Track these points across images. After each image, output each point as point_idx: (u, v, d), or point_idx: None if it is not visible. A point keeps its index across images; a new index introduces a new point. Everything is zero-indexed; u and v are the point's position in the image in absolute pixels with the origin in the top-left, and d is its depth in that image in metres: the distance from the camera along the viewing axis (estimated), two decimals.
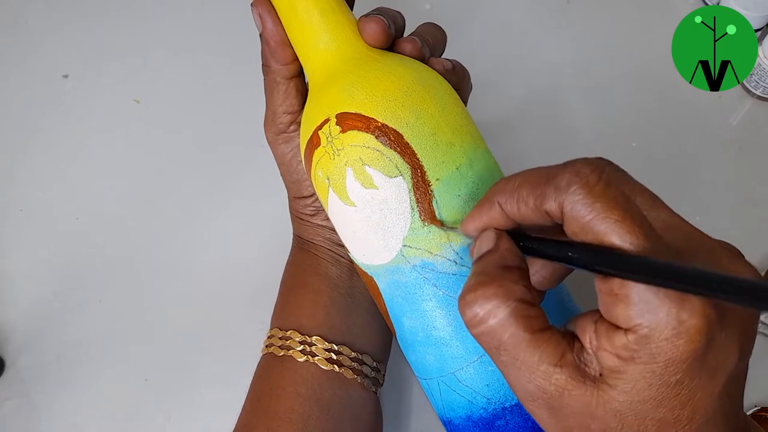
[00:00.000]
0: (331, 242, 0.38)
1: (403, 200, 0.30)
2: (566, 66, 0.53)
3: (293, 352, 0.35)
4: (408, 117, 0.30)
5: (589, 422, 0.23)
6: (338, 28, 0.32)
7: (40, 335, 0.46)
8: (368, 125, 0.29)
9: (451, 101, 0.32)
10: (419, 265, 0.30)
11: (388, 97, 0.30)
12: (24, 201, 0.50)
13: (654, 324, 0.21)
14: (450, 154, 0.30)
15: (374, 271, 0.32)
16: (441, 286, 0.30)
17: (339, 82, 0.31)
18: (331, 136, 0.30)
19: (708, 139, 0.50)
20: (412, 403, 0.43)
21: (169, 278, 0.47)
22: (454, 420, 0.32)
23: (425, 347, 0.31)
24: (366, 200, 0.30)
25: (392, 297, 0.32)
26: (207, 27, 0.56)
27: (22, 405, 0.44)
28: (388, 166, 0.29)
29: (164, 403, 0.44)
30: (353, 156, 0.30)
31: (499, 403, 0.30)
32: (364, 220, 0.30)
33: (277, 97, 0.35)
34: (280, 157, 0.37)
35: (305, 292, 0.37)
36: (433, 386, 0.32)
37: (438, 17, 0.36)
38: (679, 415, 0.22)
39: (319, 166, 0.31)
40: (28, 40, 0.56)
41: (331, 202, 0.31)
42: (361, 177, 0.30)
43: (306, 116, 0.33)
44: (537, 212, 0.24)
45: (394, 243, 0.30)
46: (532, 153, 0.49)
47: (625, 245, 0.22)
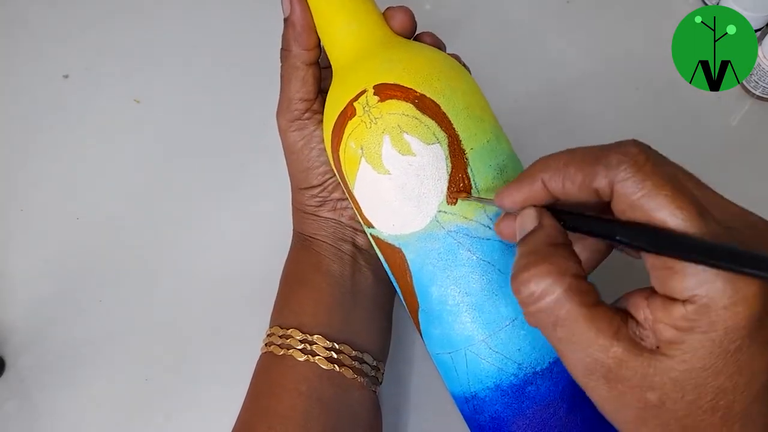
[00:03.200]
0: (335, 238, 0.38)
1: (440, 167, 0.31)
2: (566, 66, 0.53)
3: (293, 351, 0.35)
4: (444, 89, 0.31)
5: (648, 393, 0.23)
6: (368, 14, 0.34)
7: (40, 335, 0.46)
8: (407, 95, 0.31)
9: (475, 85, 0.34)
10: (454, 230, 0.31)
11: (424, 71, 0.32)
12: (24, 201, 0.50)
13: (712, 293, 0.22)
14: (481, 128, 0.32)
15: (404, 240, 0.32)
16: (475, 251, 0.31)
17: (374, 59, 0.33)
18: (368, 106, 0.31)
19: (708, 139, 0.50)
20: (411, 402, 0.43)
21: (169, 278, 0.47)
22: (480, 393, 0.32)
23: (455, 316, 0.32)
24: (402, 167, 0.31)
25: (422, 265, 0.32)
26: (207, 27, 0.56)
27: (22, 405, 0.44)
28: (426, 133, 0.31)
29: (164, 403, 0.44)
30: (392, 123, 0.31)
31: (531, 367, 0.31)
32: (399, 187, 0.31)
33: (295, 83, 0.35)
34: (292, 145, 0.37)
35: (306, 290, 0.37)
36: (458, 358, 0.32)
37: (438, 17, 0.37)
38: (737, 382, 0.23)
39: (352, 137, 0.32)
40: (28, 40, 0.56)
41: (362, 173, 0.32)
42: (398, 144, 0.31)
43: (334, 94, 0.34)
44: (583, 190, 0.25)
45: (429, 209, 0.31)
46: (532, 153, 0.49)
47: (677, 221, 0.22)
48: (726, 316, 0.22)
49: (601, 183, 0.24)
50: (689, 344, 0.22)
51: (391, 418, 0.41)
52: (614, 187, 0.24)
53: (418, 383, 0.43)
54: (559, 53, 0.54)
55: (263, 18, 0.55)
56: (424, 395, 0.42)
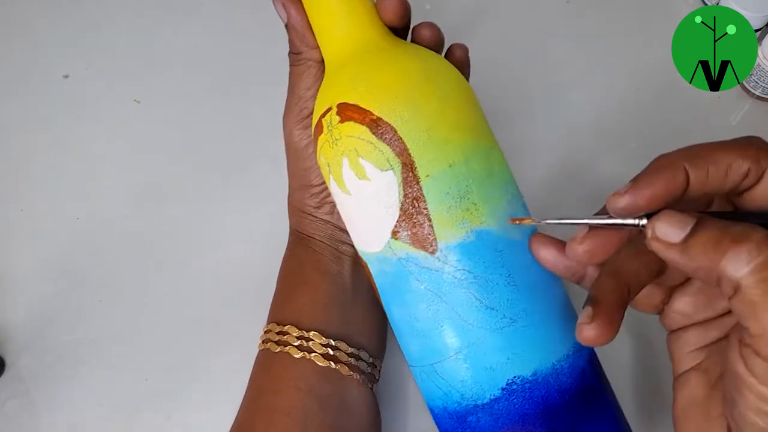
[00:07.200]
0: (332, 239, 0.38)
1: (392, 194, 0.30)
2: (566, 66, 0.53)
3: (290, 348, 0.35)
4: (403, 112, 0.30)
5: None
6: (355, 15, 0.33)
7: (40, 335, 0.46)
8: (364, 117, 0.30)
9: (456, 95, 0.32)
10: (404, 258, 0.30)
11: (387, 91, 0.30)
12: (24, 201, 0.50)
13: None
14: (444, 151, 0.30)
15: (368, 258, 0.32)
16: (423, 281, 0.30)
17: (346, 72, 0.32)
18: (331, 125, 0.31)
19: (707, 139, 0.49)
20: (410, 401, 0.43)
21: (169, 278, 0.47)
22: (434, 409, 0.33)
23: (409, 337, 0.32)
24: (359, 190, 0.31)
25: (382, 285, 0.32)
26: (207, 27, 0.56)
27: (22, 405, 0.44)
28: (379, 158, 0.30)
29: (164, 403, 0.44)
30: (349, 146, 0.30)
31: (472, 400, 0.30)
32: (358, 208, 0.31)
33: (306, 81, 0.35)
34: (296, 143, 0.37)
35: (305, 288, 0.37)
36: (417, 374, 0.33)
37: (438, 17, 0.36)
38: None
39: (321, 152, 0.32)
40: (28, 40, 0.56)
41: (333, 188, 0.32)
42: (355, 167, 0.30)
43: (317, 102, 0.34)
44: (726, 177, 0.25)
45: (382, 234, 0.31)
46: (531, 153, 0.49)
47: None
48: None
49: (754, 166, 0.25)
50: None
51: (389, 416, 0.41)
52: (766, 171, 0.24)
53: None
54: (558, 53, 0.54)
55: (263, 17, 0.55)
56: None
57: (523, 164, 0.36)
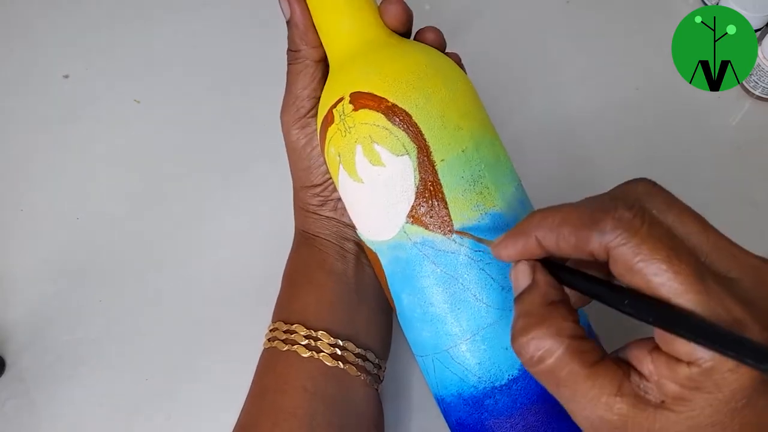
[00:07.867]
0: (338, 236, 0.38)
1: (408, 178, 0.31)
2: (565, 66, 0.53)
3: (298, 347, 0.35)
4: (417, 98, 0.31)
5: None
6: (361, 12, 0.33)
7: (40, 335, 0.46)
8: (379, 104, 0.31)
9: (462, 87, 0.33)
10: (420, 242, 0.31)
11: (400, 78, 0.31)
12: (24, 201, 0.50)
13: (716, 358, 0.22)
14: (456, 137, 0.31)
15: (378, 247, 0.33)
16: (439, 264, 0.31)
17: (356, 64, 0.32)
18: (344, 114, 0.31)
19: (707, 139, 0.50)
20: (413, 401, 0.43)
21: (169, 278, 0.47)
22: (446, 398, 0.33)
23: (422, 324, 0.32)
24: (372, 177, 0.31)
25: (393, 273, 0.33)
26: (207, 27, 0.56)
27: (22, 405, 0.44)
28: (395, 144, 0.31)
29: (164, 403, 0.44)
30: (363, 134, 0.31)
31: (489, 381, 0.31)
32: (371, 196, 0.32)
33: (303, 80, 0.36)
34: (294, 143, 0.37)
35: (310, 287, 0.37)
36: (428, 363, 0.33)
37: (437, 18, 0.37)
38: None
39: (331, 143, 0.32)
40: (28, 40, 0.56)
41: (342, 179, 0.33)
42: (369, 154, 0.31)
43: (323, 96, 0.34)
44: (578, 251, 0.25)
45: (397, 219, 0.31)
46: (530, 153, 0.49)
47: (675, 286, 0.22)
48: (731, 378, 0.22)
49: (595, 247, 0.24)
50: (696, 402, 0.22)
51: (392, 417, 0.41)
52: (610, 252, 0.23)
53: (420, 382, 0.43)
54: (558, 53, 0.54)
55: (263, 17, 0.55)
56: (425, 394, 0.42)
57: (522, 164, 0.36)
